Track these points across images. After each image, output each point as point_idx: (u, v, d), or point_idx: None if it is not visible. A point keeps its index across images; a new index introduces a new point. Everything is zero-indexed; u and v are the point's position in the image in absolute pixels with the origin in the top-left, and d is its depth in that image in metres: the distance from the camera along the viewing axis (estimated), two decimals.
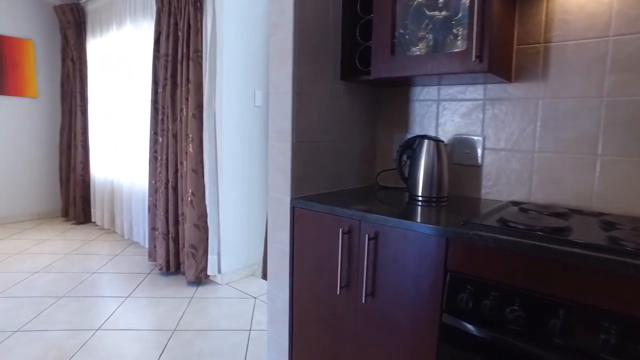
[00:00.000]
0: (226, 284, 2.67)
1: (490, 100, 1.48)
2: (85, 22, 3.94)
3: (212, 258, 2.60)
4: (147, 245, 3.17)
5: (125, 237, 3.45)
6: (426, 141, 1.44)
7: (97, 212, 3.88)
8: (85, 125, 3.97)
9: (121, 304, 2.32)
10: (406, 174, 1.53)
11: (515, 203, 1.39)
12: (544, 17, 1.36)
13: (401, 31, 1.39)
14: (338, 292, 1.27)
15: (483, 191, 1.52)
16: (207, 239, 2.60)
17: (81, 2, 3.92)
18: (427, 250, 1.07)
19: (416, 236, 1.09)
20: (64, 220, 4.16)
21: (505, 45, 1.32)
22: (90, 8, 3.87)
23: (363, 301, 1.20)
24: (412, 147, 1.50)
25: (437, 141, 1.44)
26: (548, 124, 1.36)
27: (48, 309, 2.23)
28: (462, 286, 1.02)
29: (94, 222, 4.00)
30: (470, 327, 1.00)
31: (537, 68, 1.37)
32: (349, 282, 1.26)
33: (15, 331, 2.01)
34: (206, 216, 2.58)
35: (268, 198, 1.47)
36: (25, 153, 4.13)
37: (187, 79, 2.53)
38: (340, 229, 1.23)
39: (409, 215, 1.17)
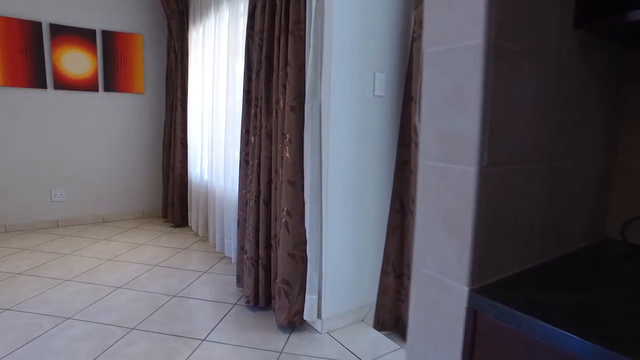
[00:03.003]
0: (327, 332, 2.01)
1: None
2: (187, 11, 3.64)
3: (310, 298, 1.96)
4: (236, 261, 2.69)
5: (217, 250, 3.04)
6: None
7: (193, 216, 3.58)
8: (185, 120, 3.70)
9: (194, 350, 1.81)
10: None
11: None
12: None
13: None
14: None
15: None
16: (304, 272, 1.97)
17: None
18: None
19: None
20: (164, 222, 3.98)
21: None
22: None
23: None
24: None
25: None
26: None
27: (114, 346, 1.82)
28: None
29: (191, 227, 3.72)
30: None
31: None
32: None
33: None
34: (304, 243, 1.95)
35: (413, 271, 0.74)
36: (132, 150, 4.04)
37: (285, 60, 1.91)
38: None
39: None
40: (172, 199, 3.79)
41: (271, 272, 2.14)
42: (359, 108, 1.95)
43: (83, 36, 3.67)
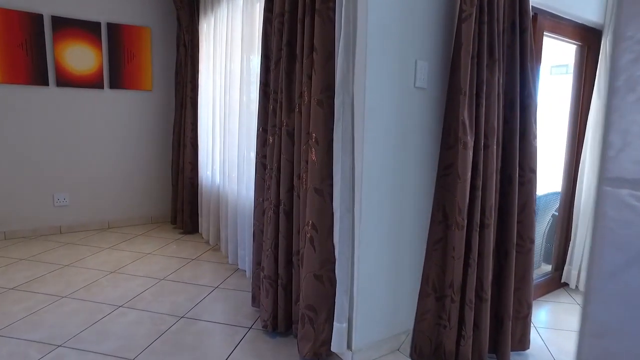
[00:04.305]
0: None
1: None
2: (197, 0, 3.37)
3: (339, 327, 1.66)
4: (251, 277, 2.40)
5: (230, 262, 2.76)
6: None
7: (204, 223, 3.31)
8: (196, 119, 3.43)
9: None
10: None
11: None
12: None
13: None
14: None
15: None
16: (332, 297, 1.67)
17: None
18: None
19: None
20: (173, 228, 3.72)
21: None
22: None
23: None
24: None
25: None
26: None
27: None
28: None
29: (201, 234, 3.45)
30: None
31: None
32: None
33: None
34: (333, 262, 1.65)
35: None
36: (140, 151, 3.79)
37: (311, 47, 1.62)
38: None
39: None
40: (181, 203, 3.53)
41: (292, 294, 1.85)
42: (398, 102, 1.64)
43: (87, 29, 3.43)
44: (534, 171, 1.90)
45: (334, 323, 1.67)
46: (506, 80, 1.82)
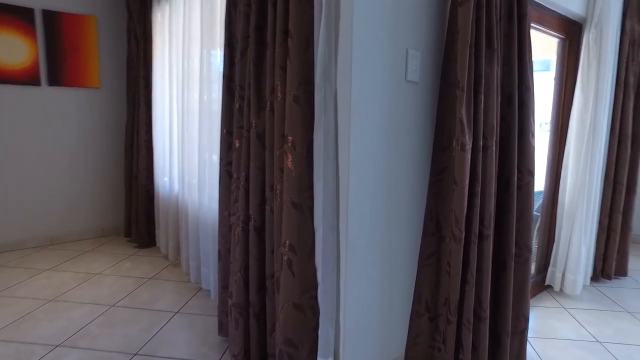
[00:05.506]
0: None
1: None
2: None
3: None
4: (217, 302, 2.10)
5: (192, 280, 2.44)
6: None
7: (162, 236, 2.96)
8: (150, 120, 3.06)
9: None
10: None
11: None
12: None
13: None
14: None
15: None
16: (316, 328, 1.42)
17: None
18: None
19: None
20: (127, 241, 3.32)
21: None
22: None
23: None
24: None
25: None
26: None
27: None
28: None
29: (159, 247, 3.10)
30: None
31: None
32: None
33: None
34: (315, 288, 1.39)
35: None
36: (87, 156, 3.36)
37: (285, 32, 1.35)
38: None
39: None
40: (136, 214, 3.15)
41: (266, 323, 1.58)
42: (389, 98, 1.41)
43: (16, 15, 2.97)
44: (532, 173, 1.73)
45: (318, 358, 1.42)
46: (503, 73, 1.63)
